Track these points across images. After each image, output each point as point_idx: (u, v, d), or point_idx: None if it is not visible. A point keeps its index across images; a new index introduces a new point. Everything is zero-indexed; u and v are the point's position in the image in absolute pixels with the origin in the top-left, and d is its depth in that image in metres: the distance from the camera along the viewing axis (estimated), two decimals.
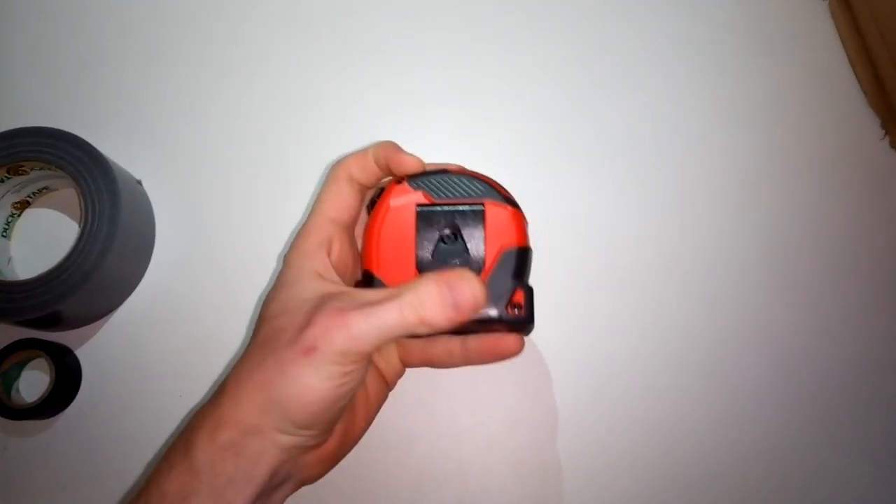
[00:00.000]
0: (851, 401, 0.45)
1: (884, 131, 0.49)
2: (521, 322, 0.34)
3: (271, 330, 0.31)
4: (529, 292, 0.34)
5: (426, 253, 0.35)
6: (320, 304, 0.31)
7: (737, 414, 0.45)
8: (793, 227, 0.48)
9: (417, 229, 0.35)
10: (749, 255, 0.47)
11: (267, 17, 0.51)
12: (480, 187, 0.35)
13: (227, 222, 0.48)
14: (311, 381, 0.29)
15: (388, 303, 0.30)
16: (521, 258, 0.35)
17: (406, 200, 0.35)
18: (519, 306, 0.34)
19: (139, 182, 0.48)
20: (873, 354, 0.46)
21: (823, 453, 0.45)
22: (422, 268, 0.35)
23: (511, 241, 0.35)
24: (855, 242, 0.47)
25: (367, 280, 0.35)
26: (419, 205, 0.35)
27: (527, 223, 0.36)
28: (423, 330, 0.30)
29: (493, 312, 0.34)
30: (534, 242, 0.36)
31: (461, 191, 0.35)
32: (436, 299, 0.30)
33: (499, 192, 0.36)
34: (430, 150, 0.38)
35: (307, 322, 0.30)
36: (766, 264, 0.47)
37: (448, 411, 0.45)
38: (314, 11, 0.51)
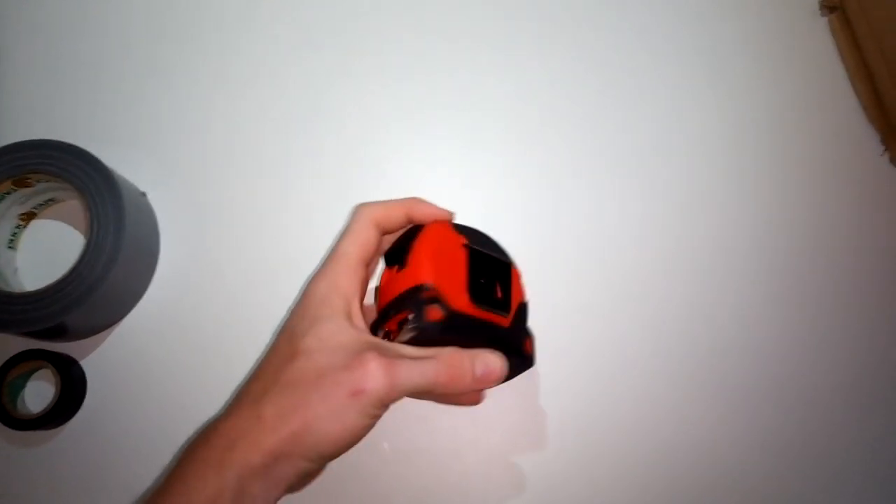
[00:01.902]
0: (847, 409, 0.46)
1: (883, 147, 0.49)
2: (529, 365, 0.38)
3: (312, 366, 0.33)
4: (533, 339, 0.39)
5: (474, 286, 0.36)
6: (365, 349, 0.33)
7: (745, 429, 0.45)
8: (793, 241, 0.48)
9: (468, 262, 0.37)
10: (749, 269, 0.48)
11: (271, 29, 0.52)
12: (503, 249, 0.39)
13: (231, 234, 0.48)
14: (353, 421, 0.32)
15: (427, 361, 0.33)
16: (526, 311, 0.39)
17: (452, 233, 0.37)
18: (528, 351, 0.38)
19: (143, 194, 0.48)
20: (872, 368, 0.46)
21: (822, 455, 0.45)
22: (472, 292, 0.36)
23: (522, 297, 0.39)
24: (855, 258, 0.48)
25: (418, 292, 0.35)
26: (466, 244, 0.37)
27: None
28: (447, 389, 0.34)
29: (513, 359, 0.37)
30: (539, 258, 0.39)
31: (493, 247, 0.39)
32: (466, 368, 0.34)
33: (510, 257, 0.39)
34: (434, 162, 0.38)
35: (354, 364, 0.32)
36: (765, 279, 0.47)
37: (449, 424, 0.45)
38: (316, 23, 0.52)
